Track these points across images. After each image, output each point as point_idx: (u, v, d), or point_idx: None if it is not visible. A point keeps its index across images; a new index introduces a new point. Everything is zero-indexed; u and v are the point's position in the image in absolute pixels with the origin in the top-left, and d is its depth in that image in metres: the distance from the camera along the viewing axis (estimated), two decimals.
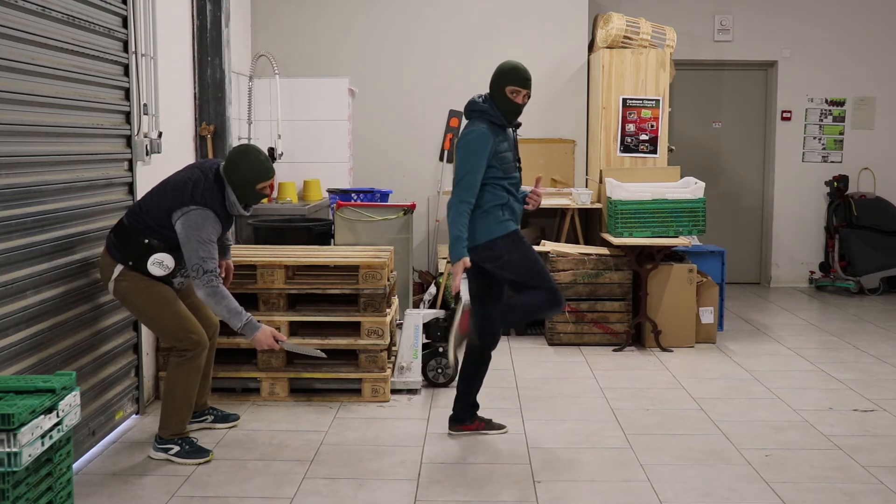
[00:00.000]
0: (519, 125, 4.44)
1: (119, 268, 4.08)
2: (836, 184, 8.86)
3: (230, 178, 4.12)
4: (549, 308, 4.39)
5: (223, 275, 4.50)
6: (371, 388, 5.06)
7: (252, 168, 4.13)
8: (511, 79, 4.23)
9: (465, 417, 4.57)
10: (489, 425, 4.58)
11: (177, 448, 4.13)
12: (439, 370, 5.34)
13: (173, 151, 5.32)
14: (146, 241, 4.05)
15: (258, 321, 4.16)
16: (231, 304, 4.06)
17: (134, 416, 4.74)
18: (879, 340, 6.72)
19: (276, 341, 4.16)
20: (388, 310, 5.20)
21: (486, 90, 4.37)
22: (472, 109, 4.32)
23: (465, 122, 4.45)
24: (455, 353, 4.62)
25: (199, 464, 4.09)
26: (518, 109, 4.30)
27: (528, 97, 4.29)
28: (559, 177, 7.65)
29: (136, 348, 4.75)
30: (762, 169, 9.29)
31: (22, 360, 3.60)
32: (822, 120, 9.06)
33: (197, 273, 3.98)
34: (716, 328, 6.61)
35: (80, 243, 4.12)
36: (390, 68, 7.83)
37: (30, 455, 2.75)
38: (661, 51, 6.99)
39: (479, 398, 4.63)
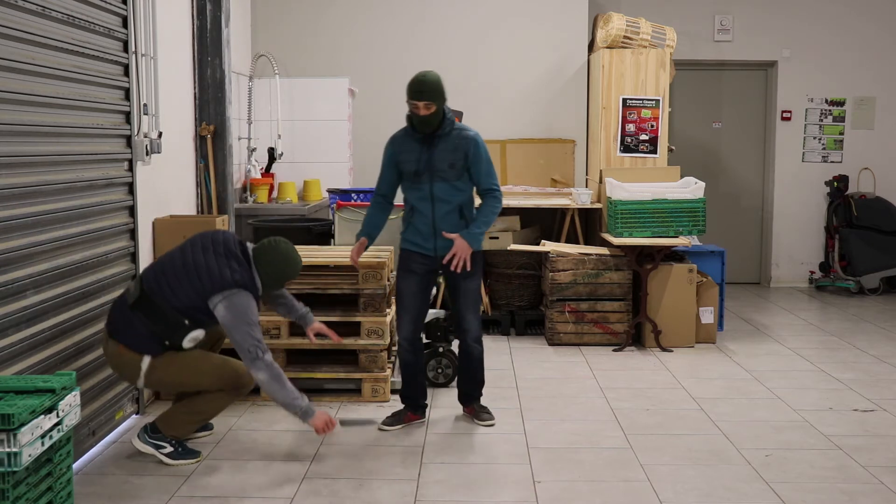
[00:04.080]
0: (438, 132, 4.40)
1: (147, 360, 4.00)
2: (836, 184, 8.86)
3: (264, 269, 4.07)
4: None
5: (323, 334, 4.53)
6: (371, 388, 5.06)
7: (292, 272, 4.18)
8: (407, 92, 4.36)
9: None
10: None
11: (170, 448, 4.10)
12: (439, 370, 5.34)
13: (173, 151, 5.32)
14: (186, 321, 3.98)
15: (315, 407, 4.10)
16: (292, 390, 3.98)
17: (134, 416, 4.74)
18: (879, 340, 6.72)
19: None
20: (388, 310, 5.20)
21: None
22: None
23: (459, 124, 4.59)
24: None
25: (189, 464, 4.09)
26: (423, 120, 4.36)
27: (431, 107, 4.32)
28: (559, 177, 7.65)
29: None
30: (762, 169, 9.29)
31: (22, 360, 3.60)
32: (822, 120, 9.06)
33: (255, 356, 3.90)
34: (716, 328, 6.61)
35: (80, 243, 4.12)
36: (390, 68, 7.82)
37: (30, 455, 2.75)
38: (661, 51, 6.99)
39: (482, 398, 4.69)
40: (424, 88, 4.32)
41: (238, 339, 3.90)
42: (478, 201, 4.61)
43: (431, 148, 4.42)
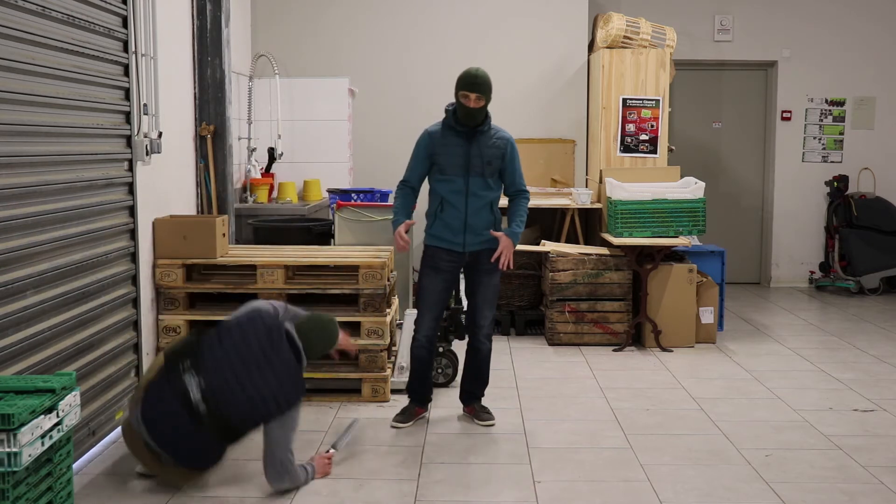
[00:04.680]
0: (480, 128, 4.50)
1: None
2: (836, 184, 8.86)
3: (311, 349, 3.92)
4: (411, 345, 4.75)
5: None
6: (371, 388, 5.06)
7: (333, 344, 4.06)
8: (460, 84, 4.47)
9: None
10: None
11: None
12: (439, 370, 5.34)
13: (173, 151, 5.32)
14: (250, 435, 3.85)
15: (309, 463, 3.94)
16: (299, 474, 3.83)
17: None
18: (879, 340, 6.72)
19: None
20: (388, 310, 5.20)
21: None
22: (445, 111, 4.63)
23: (496, 125, 4.71)
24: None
25: None
26: (470, 113, 4.46)
27: (481, 100, 4.44)
28: (559, 177, 7.65)
29: (136, 348, 4.75)
30: (762, 169, 9.29)
31: (22, 360, 3.60)
32: (822, 120, 9.06)
33: (285, 469, 3.74)
34: (716, 328, 6.61)
35: (80, 243, 4.11)
36: (390, 68, 7.82)
37: (30, 455, 2.75)
38: (661, 51, 6.99)
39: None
40: (478, 81, 4.43)
41: (280, 452, 3.73)
42: (503, 202, 4.70)
43: (473, 143, 4.52)
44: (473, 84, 4.41)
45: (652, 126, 7.01)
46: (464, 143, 4.52)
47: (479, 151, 4.51)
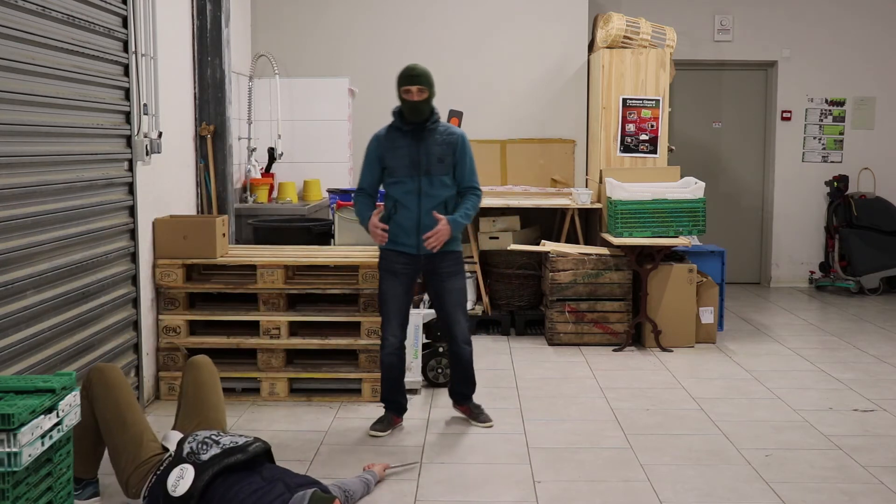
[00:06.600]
0: (427, 125, 4.45)
1: None
2: (836, 184, 8.86)
3: None
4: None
5: None
6: (371, 388, 5.06)
7: None
8: (399, 81, 4.44)
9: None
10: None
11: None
12: (439, 370, 5.34)
13: (173, 151, 5.32)
14: None
15: None
16: None
17: None
18: (879, 340, 6.72)
19: None
20: None
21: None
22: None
23: (446, 122, 4.66)
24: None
25: None
26: (415, 107, 4.42)
27: (424, 92, 4.41)
28: (559, 177, 7.65)
29: (136, 348, 4.75)
30: (762, 169, 9.29)
31: (22, 360, 3.60)
32: (822, 120, 9.06)
33: None
34: (716, 328, 6.60)
35: (80, 243, 4.12)
36: (390, 68, 7.76)
37: (30, 455, 2.75)
38: (661, 51, 6.99)
39: (479, 396, 4.70)
40: (417, 73, 4.42)
41: None
42: None
43: (421, 141, 4.47)
44: (412, 77, 4.40)
45: (652, 126, 7.01)
46: (412, 143, 4.46)
47: (428, 150, 4.44)
